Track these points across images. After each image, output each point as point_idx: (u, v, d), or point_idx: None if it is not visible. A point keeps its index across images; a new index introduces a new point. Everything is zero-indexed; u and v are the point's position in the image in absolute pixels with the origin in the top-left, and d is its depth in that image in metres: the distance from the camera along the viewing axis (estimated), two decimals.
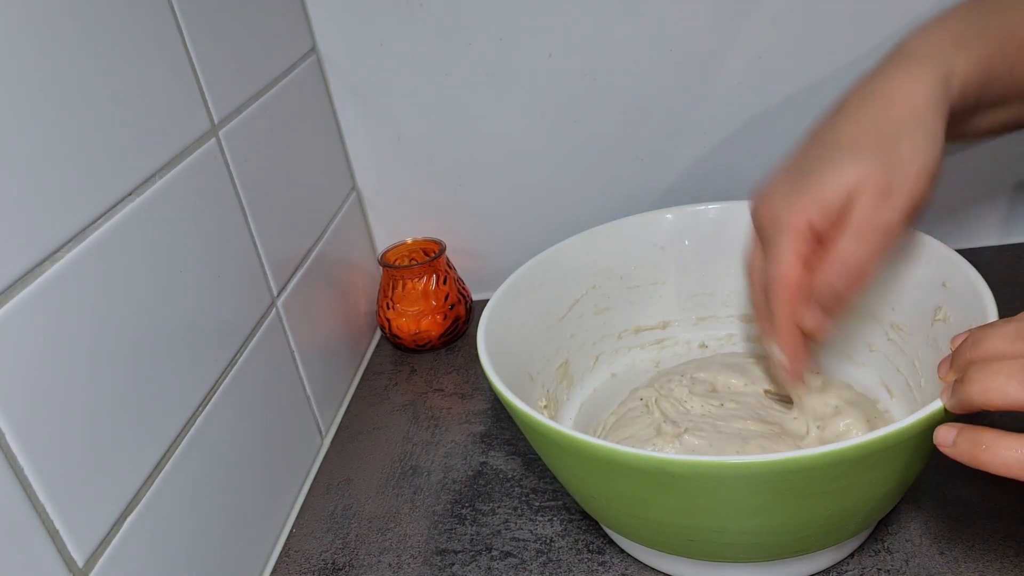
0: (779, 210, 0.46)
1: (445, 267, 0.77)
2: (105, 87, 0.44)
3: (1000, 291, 0.47)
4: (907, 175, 0.44)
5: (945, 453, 0.37)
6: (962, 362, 0.38)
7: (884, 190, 0.44)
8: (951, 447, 0.36)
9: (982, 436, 0.35)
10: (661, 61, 0.72)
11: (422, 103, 0.75)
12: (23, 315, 0.37)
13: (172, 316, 0.48)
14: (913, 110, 0.44)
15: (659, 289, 0.64)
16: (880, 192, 0.44)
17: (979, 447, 0.35)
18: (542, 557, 0.54)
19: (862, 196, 0.44)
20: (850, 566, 0.50)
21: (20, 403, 0.36)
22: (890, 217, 0.44)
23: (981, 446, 0.35)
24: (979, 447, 0.35)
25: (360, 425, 0.70)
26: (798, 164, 0.48)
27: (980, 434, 0.35)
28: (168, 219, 0.48)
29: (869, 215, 0.44)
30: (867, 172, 0.44)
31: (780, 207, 0.46)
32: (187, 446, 0.48)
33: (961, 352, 0.38)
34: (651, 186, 0.78)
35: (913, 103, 0.44)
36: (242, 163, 0.58)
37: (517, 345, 0.56)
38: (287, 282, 0.64)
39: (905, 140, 0.44)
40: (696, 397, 0.55)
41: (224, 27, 0.57)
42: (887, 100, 0.45)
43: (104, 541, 0.41)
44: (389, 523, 0.59)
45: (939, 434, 0.37)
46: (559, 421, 0.58)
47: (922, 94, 0.44)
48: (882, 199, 0.44)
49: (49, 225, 0.39)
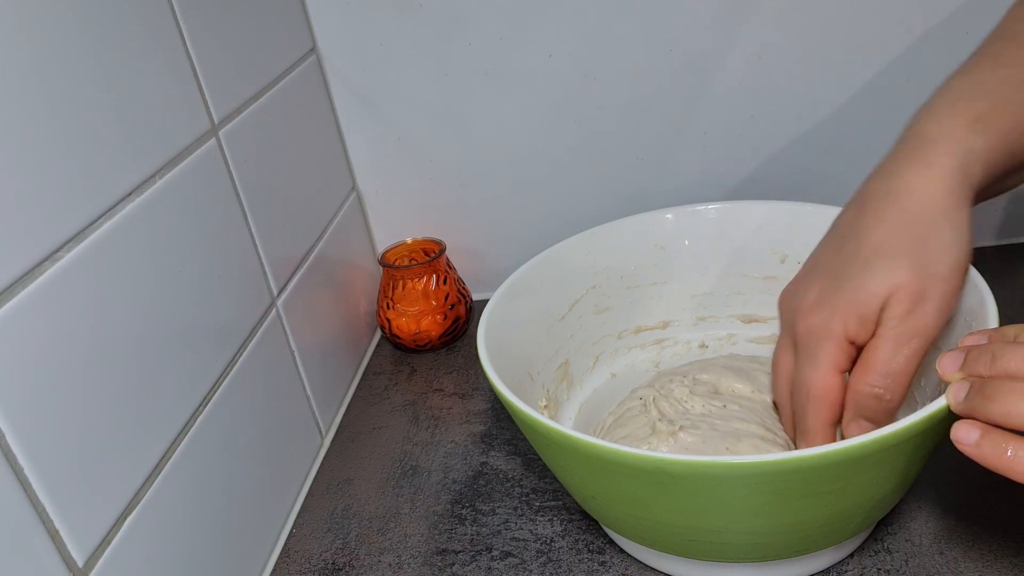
0: (817, 322, 0.46)
1: (445, 267, 0.77)
2: (105, 87, 0.44)
3: (1000, 291, 0.47)
4: (939, 276, 0.43)
5: (964, 452, 0.36)
6: (977, 373, 0.38)
7: (919, 295, 0.43)
8: (973, 447, 0.36)
9: (1009, 442, 0.35)
10: (661, 61, 0.72)
11: (422, 103, 0.75)
12: (23, 315, 0.37)
13: (172, 316, 0.48)
14: (937, 207, 0.43)
15: (659, 289, 0.64)
16: (915, 297, 0.43)
17: (1004, 452, 0.35)
18: (542, 557, 0.54)
19: (897, 302, 0.43)
20: (850, 566, 0.50)
21: (20, 403, 0.36)
22: (927, 322, 0.43)
23: (1007, 452, 0.35)
24: (1004, 452, 0.35)
25: (360, 425, 0.70)
26: (828, 270, 0.47)
27: (1007, 440, 0.35)
28: (168, 219, 0.48)
29: (906, 320, 0.43)
30: (900, 279, 0.43)
31: (817, 319, 0.46)
32: (187, 446, 0.48)
33: (976, 361, 0.38)
34: (651, 186, 0.78)
35: (935, 200, 0.43)
36: (242, 163, 0.58)
37: (517, 345, 0.56)
38: (287, 282, 0.64)
39: (933, 241, 0.43)
40: (697, 397, 0.55)
41: (224, 27, 0.57)
42: (909, 198, 0.44)
43: (104, 541, 0.41)
44: (389, 523, 0.59)
45: (960, 431, 0.37)
46: (559, 421, 0.58)
47: (943, 188, 0.43)
48: (918, 303, 0.43)
49: (49, 225, 0.39)
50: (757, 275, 0.63)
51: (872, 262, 0.44)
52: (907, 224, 0.44)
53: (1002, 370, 0.37)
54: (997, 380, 0.37)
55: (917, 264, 0.43)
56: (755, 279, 0.63)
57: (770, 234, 0.62)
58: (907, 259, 0.43)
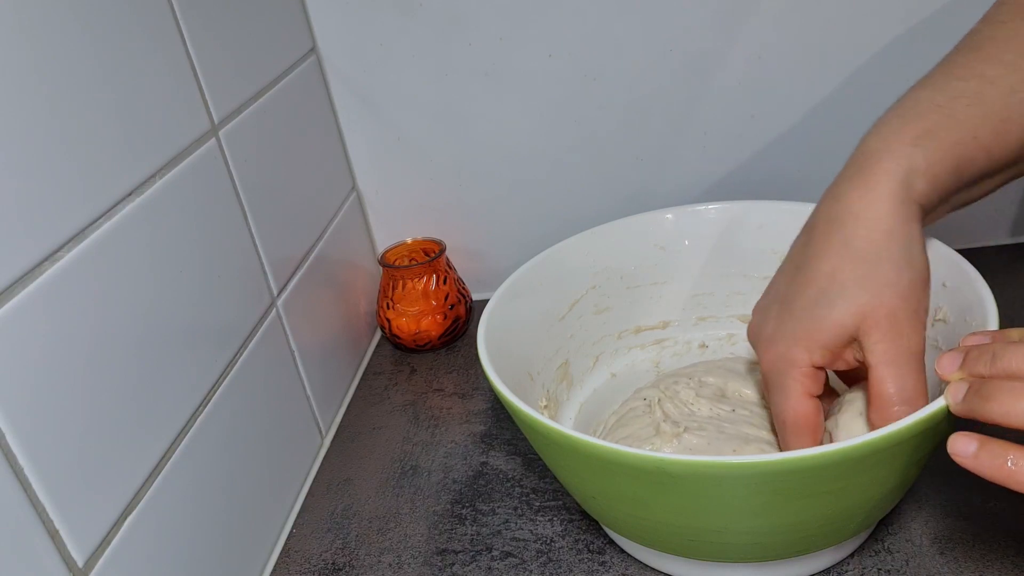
0: (777, 354, 0.46)
1: (445, 267, 0.77)
2: (105, 87, 0.44)
3: (1000, 291, 0.47)
4: (900, 295, 0.42)
5: (962, 464, 0.36)
6: (977, 373, 0.37)
7: (891, 315, 0.42)
8: (972, 459, 0.36)
9: (1008, 452, 0.35)
10: (661, 61, 0.72)
11: (422, 103, 0.75)
12: (23, 315, 0.37)
13: (172, 316, 0.48)
14: (882, 230, 0.43)
15: (659, 289, 0.64)
16: (890, 317, 0.42)
17: (1004, 463, 0.35)
18: (542, 557, 0.54)
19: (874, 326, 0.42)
20: (850, 566, 0.50)
21: (20, 403, 0.36)
22: (910, 342, 0.43)
23: (1007, 463, 0.35)
24: (1004, 463, 0.35)
25: (360, 425, 0.70)
26: (784, 300, 0.47)
27: (1006, 450, 0.35)
28: (168, 219, 0.48)
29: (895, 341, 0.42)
30: (861, 309, 0.43)
31: (777, 351, 0.46)
32: (187, 446, 0.48)
33: (977, 361, 0.38)
34: (651, 186, 0.78)
35: (880, 222, 0.43)
36: (242, 163, 0.58)
37: (517, 345, 0.56)
38: (287, 282, 0.64)
39: (885, 263, 0.43)
40: (703, 400, 0.55)
41: (224, 27, 0.57)
42: (854, 223, 0.44)
43: (104, 541, 0.41)
44: (389, 523, 0.59)
45: (957, 444, 0.36)
46: (559, 421, 0.58)
47: (886, 209, 0.43)
48: (893, 331, 0.42)
49: (49, 225, 0.39)
50: (757, 275, 0.63)
51: (829, 292, 0.44)
52: (856, 252, 0.43)
53: (1002, 370, 0.36)
54: (996, 380, 0.36)
55: (874, 288, 0.42)
56: (755, 279, 0.63)
57: (770, 234, 0.62)
58: (862, 287, 0.43)
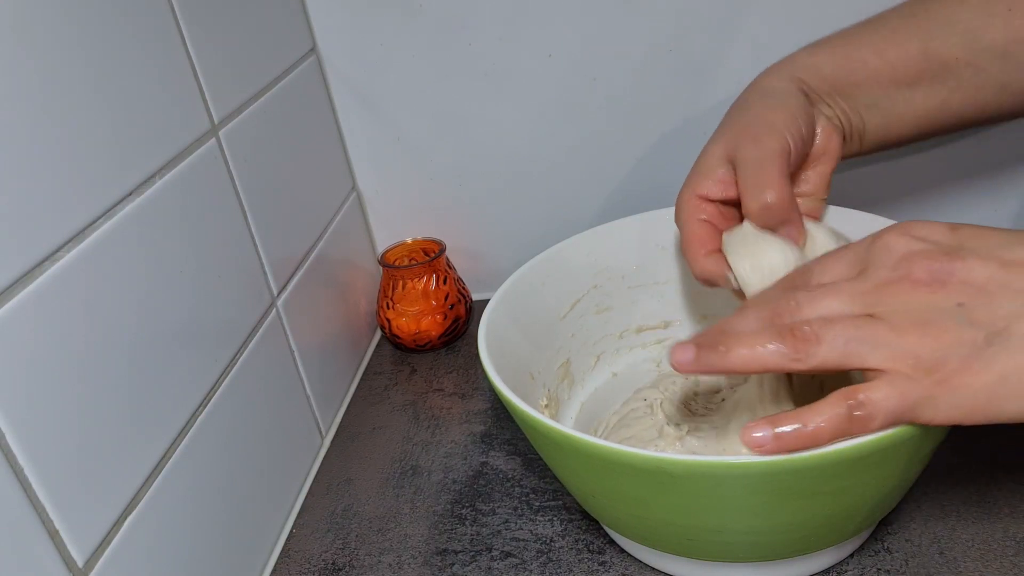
0: (678, 198, 0.53)
1: (445, 267, 0.77)
2: (105, 87, 0.44)
3: None
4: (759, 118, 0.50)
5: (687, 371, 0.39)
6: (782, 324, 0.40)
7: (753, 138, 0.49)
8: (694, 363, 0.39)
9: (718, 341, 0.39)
10: (661, 61, 0.72)
11: (422, 103, 0.75)
12: (23, 315, 0.37)
13: (172, 316, 0.48)
14: (757, 88, 0.53)
15: (660, 289, 0.64)
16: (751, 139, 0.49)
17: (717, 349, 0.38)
18: (542, 557, 0.54)
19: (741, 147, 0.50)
20: (850, 566, 0.50)
21: (20, 403, 0.36)
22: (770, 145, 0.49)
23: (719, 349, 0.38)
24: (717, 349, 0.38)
25: (360, 425, 0.70)
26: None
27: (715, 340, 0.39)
28: (168, 219, 0.48)
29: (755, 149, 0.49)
30: (732, 134, 0.51)
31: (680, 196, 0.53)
32: (187, 446, 0.48)
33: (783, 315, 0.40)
34: (651, 186, 0.78)
35: (757, 85, 0.54)
36: (242, 163, 0.58)
37: (518, 345, 0.56)
38: (287, 282, 0.64)
39: (753, 104, 0.52)
40: (703, 400, 0.55)
41: (224, 27, 0.57)
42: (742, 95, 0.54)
43: (104, 541, 0.41)
44: (389, 523, 0.59)
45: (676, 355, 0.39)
46: (560, 421, 0.58)
47: (766, 80, 0.54)
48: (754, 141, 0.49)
49: (48, 226, 0.39)
50: None
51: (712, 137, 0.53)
52: (736, 107, 0.53)
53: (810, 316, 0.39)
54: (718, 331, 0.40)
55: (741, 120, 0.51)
56: None
57: None
58: (731, 124, 0.52)
